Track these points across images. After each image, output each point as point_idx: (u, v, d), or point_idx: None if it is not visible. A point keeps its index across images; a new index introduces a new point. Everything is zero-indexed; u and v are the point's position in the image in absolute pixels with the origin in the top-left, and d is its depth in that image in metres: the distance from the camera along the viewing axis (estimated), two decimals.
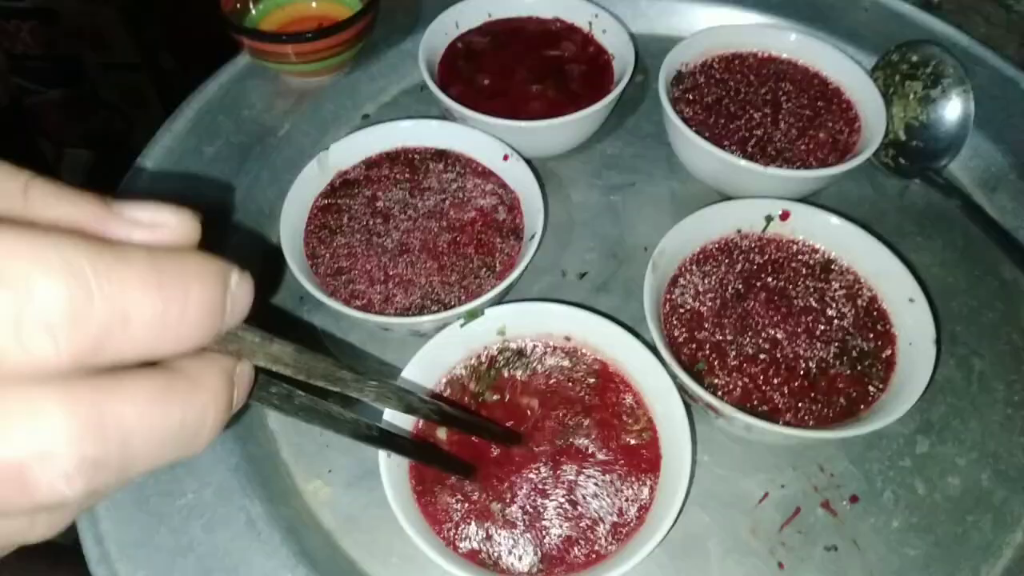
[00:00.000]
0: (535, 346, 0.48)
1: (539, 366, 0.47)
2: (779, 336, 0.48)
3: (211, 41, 0.64)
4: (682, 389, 0.44)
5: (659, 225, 0.60)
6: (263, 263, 0.57)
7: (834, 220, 0.52)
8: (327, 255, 0.52)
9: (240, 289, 0.20)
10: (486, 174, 0.56)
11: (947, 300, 0.57)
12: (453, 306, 0.49)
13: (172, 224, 0.20)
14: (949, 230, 0.61)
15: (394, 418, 0.43)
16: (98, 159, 1.62)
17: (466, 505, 0.42)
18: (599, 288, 0.57)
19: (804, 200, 0.57)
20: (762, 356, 0.47)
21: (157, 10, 1.27)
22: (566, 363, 0.47)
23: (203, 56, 0.67)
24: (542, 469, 0.43)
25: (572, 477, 0.43)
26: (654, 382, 0.45)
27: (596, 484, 0.43)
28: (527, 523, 0.42)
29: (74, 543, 0.44)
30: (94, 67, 1.34)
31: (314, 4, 0.68)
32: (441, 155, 0.57)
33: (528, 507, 0.42)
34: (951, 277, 0.59)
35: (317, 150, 0.63)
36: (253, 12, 0.66)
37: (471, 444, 0.44)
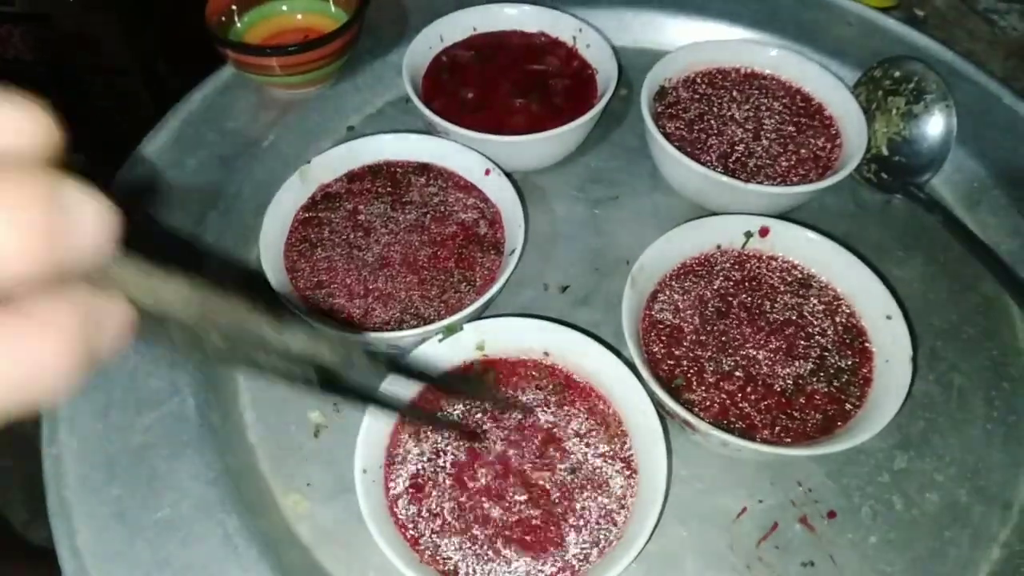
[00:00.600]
0: (512, 361, 0.48)
1: (516, 381, 0.47)
2: (757, 353, 0.49)
3: (207, 48, 0.64)
4: (659, 404, 0.44)
5: (641, 238, 0.60)
6: (244, 275, 0.57)
7: (813, 236, 0.52)
8: (307, 269, 0.52)
9: (84, 209, 0.17)
10: (468, 188, 0.56)
11: (928, 315, 0.57)
12: (433, 321, 0.49)
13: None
14: (931, 245, 0.61)
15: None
16: (92, 163, 1.63)
17: (440, 520, 0.42)
18: (581, 301, 0.57)
19: (784, 216, 0.57)
20: (739, 372, 0.48)
21: (153, 16, 1.27)
22: (543, 378, 0.47)
23: (199, 62, 0.67)
24: (516, 484, 0.43)
25: (547, 491, 0.43)
26: (631, 397, 0.45)
27: (571, 499, 0.43)
28: (502, 538, 0.42)
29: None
30: (87, 72, 1.35)
31: (299, 16, 0.68)
32: (423, 169, 0.57)
33: (502, 522, 0.42)
34: (932, 292, 0.59)
35: (301, 162, 0.64)
36: (238, 24, 0.66)
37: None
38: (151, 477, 0.46)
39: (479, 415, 0.46)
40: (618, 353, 0.47)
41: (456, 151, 0.56)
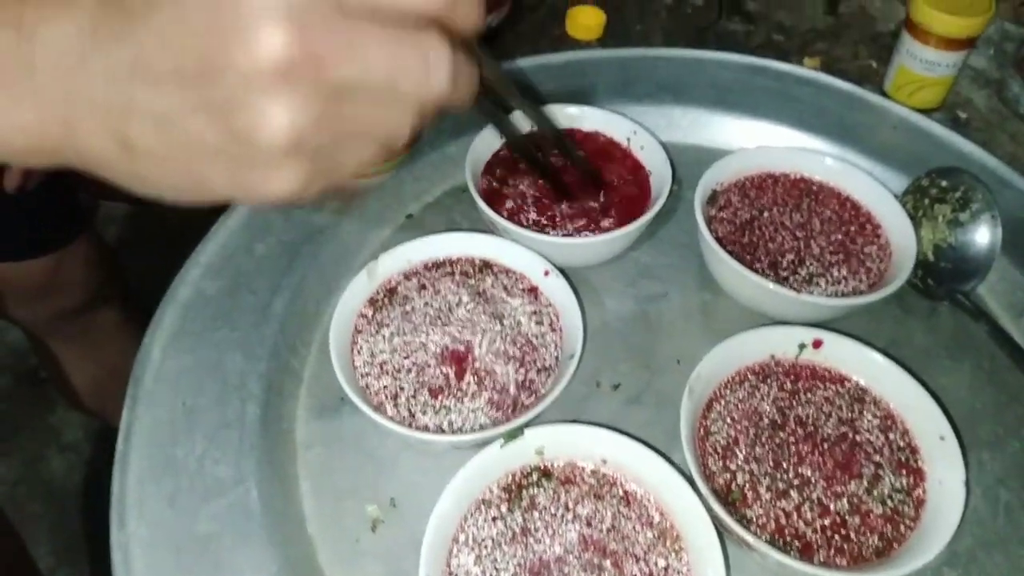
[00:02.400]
0: (570, 467, 0.49)
1: (574, 489, 0.48)
2: (813, 469, 0.49)
3: None
4: (716, 519, 0.45)
5: (692, 337, 0.62)
6: (310, 362, 0.59)
7: (866, 351, 0.54)
8: (372, 364, 0.54)
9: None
10: (527, 288, 0.58)
11: (974, 427, 0.58)
12: (496, 421, 0.51)
13: None
14: (977, 354, 0.62)
15: None
16: (135, 211, 1.67)
17: None
18: (633, 400, 0.58)
19: (835, 322, 0.59)
20: (795, 490, 0.48)
21: None
22: (601, 486, 0.48)
23: None
24: None
25: None
26: (689, 511, 0.46)
27: None
28: None
29: None
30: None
31: None
32: (485, 267, 0.59)
33: None
34: (978, 403, 0.60)
35: (362, 249, 0.67)
36: None
37: None
38: (215, 567, 0.47)
39: (538, 522, 0.47)
40: (672, 461, 0.48)
41: (516, 251, 0.58)
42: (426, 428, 0.51)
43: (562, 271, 0.59)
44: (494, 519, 0.47)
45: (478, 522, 0.47)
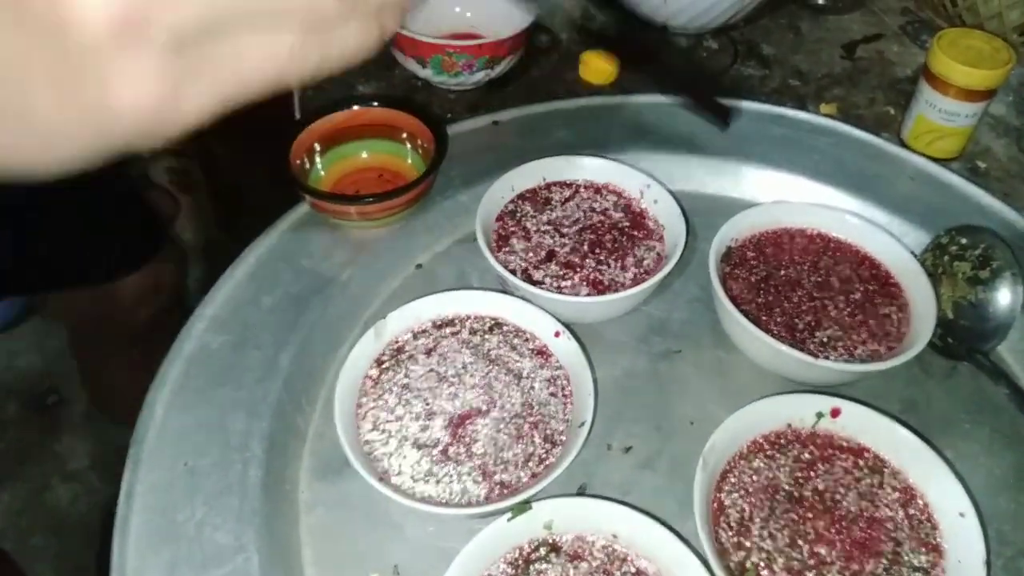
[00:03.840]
0: (580, 542, 0.48)
1: (583, 564, 0.47)
2: (830, 546, 0.48)
3: (264, 130, 0.66)
4: None
5: (706, 397, 0.60)
6: (314, 420, 0.58)
7: (885, 421, 0.52)
8: (378, 428, 0.53)
9: None
10: (537, 350, 0.57)
11: (994, 495, 0.56)
12: (501, 491, 0.49)
13: None
14: (996, 417, 0.61)
15: None
16: (146, 239, 1.68)
17: None
18: (644, 464, 0.57)
19: (850, 389, 0.57)
20: (812, 569, 0.47)
21: None
22: (611, 562, 0.47)
23: (254, 144, 0.69)
24: None
25: None
26: None
27: None
28: None
29: None
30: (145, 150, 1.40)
31: (377, 159, 0.71)
32: (494, 326, 0.58)
33: None
34: (998, 469, 0.58)
35: (371, 300, 0.66)
36: (319, 165, 0.69)
37: None
38: None
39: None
40: (684, 538, 0.47)
41: (527, 310, 0.57)
42: (431, 497, 0.49)
43: (574, 327, 0.58)
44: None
45: None
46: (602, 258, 0.63)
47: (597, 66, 0.87)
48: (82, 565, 1.37)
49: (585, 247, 0.64)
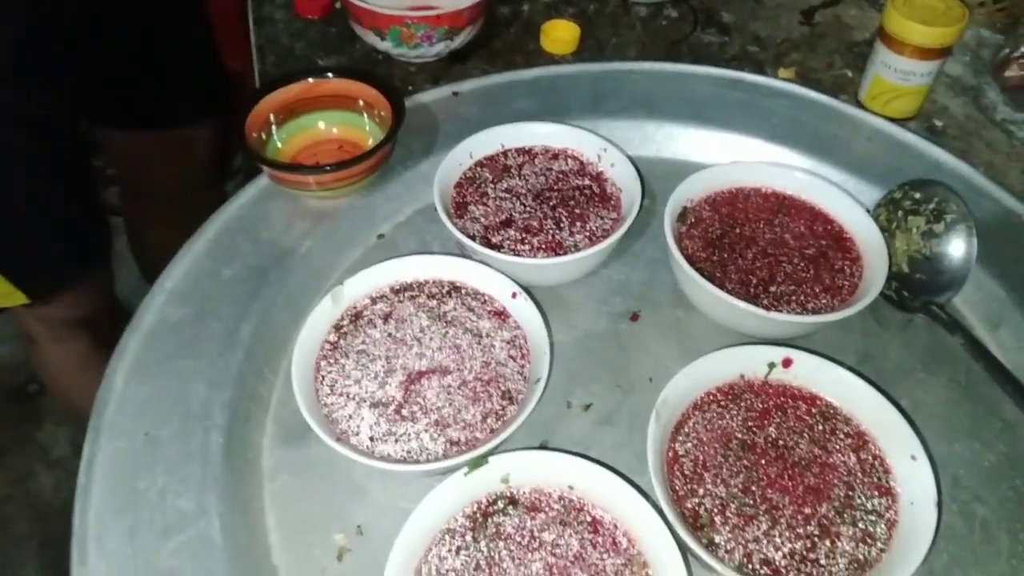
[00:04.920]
0: (537, 494, 0.48)
1: (540, 516, 0.48)
2: (781, 490, 0.49)
3: None
4: (684, 545, 0.45)
5: (664, 355, 0.61)
6: (277, 389, 0.59)
7: (836, 370, 0.53)
8: (337, 391, 0.53)
9: None
10: (495, 311, 0.57)
11: (949, 441, 0.57)
12: (459, 448, 0.50)
13: None
14: (953, 367, 0.62)
15: None
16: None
17: None
18: (604, 420, 0.58)
19: (806, 342, 0.58)
20: (764, 515, 0.48)
21: None
22: (567, 513, 0.48)
23: None
24: None
25: None
26: (656, 537, 0.45)
27: None
28: None
29: None
30: None
31: (335, 130, 0.71)
32: (452, 290, 0.58)
33: None
34: (954, 417, 0.59)
35: (332, 271, 0.66)
36: (276, 138, 0.69)
37: None
38: None
39: (504, 551, 0.46)
40: (640, 488, 0.48)
41: (483, 272, 0.58)
42: (390, 456, 0.50)
43: (532, 291, 0.58)
44: (458, 549, 0.46)
45: (442, 552, 0.46)
46: (561, 222, 0.64)
47: (558, 36, 0.87)
48: (67, 551, 1.36)
49: (543, 212, 0.64)
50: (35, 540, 1.38)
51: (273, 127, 0.69)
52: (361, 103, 0.70)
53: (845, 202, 0.64)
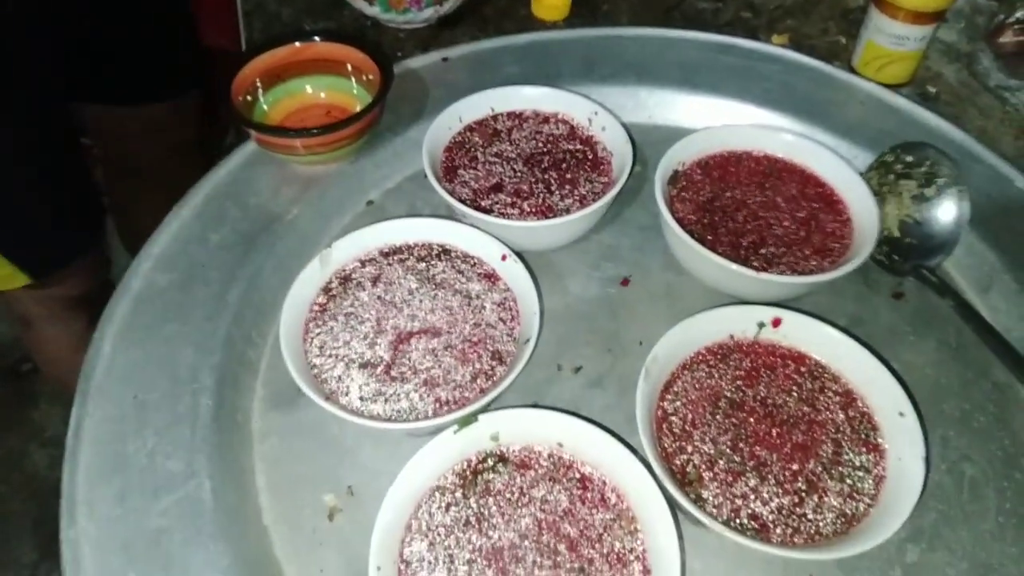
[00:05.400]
0: (527, 452, 0.49)
1: (529, 473, 0.48)
2: (770, 447, 0.49)
3: None
4: (672, 501, 0.45)
5: (654, 319, 0.61)
6: (266, 353, 0.58)
7: (824, 329, 0.53)
8: (326, 353, 0.53)
9: None
10: (484, 273, 0.57)
11: (939, 403, 0.57)
12: (449, 408, 0.50)
13: None
14: (943, 330, 0.62)
15: None
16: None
17: None
18: (594, 383, 0.58)
19: (796, 301, 0.58)
20: (752, 471, 0.48)
21: None
22: (557, 470, 0.48)
23: None
24: None
25: None
26: (645, 493, 0.45)
27: None
28: None
29: None
30: None
31: (323, 95, 0.70)
32: (441, 253, 0.58)
33: None
34: (944, 378, 0.59)
35: (321, 237, 0.65)
36: (262, 102, 0.68)
37: None
38: (167, 564, 0.47)
39: (493, 507, 0.46)
40: (630, 445, 0.48)
41: (473, 235, 0.58)
42: (380, 416, 0.50)
43: (523, 255, 0.58)
44: (448, 506, 0.46)
45: (432, 509, 0.46)
46: (551, 186, 0.63)
47: (550, 2, 0.86)
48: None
49: (534, 176, 0.64)
50: (29, 518, 1.38)
51: (260, 92, 0.68)
52: (349, 67, 0.70)
53: (836, 165, 0.64)
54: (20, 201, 0.83)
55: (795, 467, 0.48)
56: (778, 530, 0.46)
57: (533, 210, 0.61)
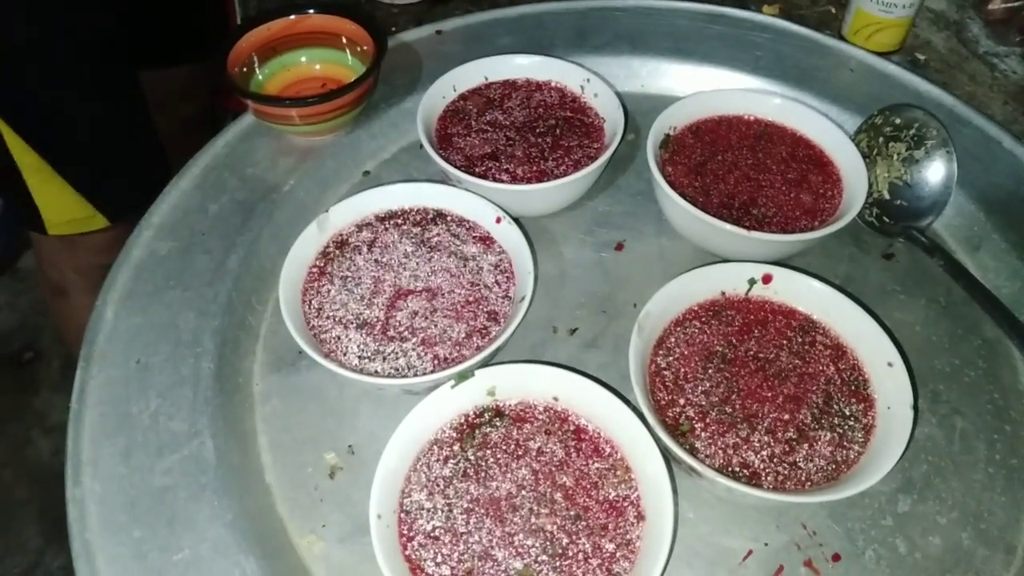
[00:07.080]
0: (523, 406, 0.49)
1: (526, 426, 0.49)
2: (761, 399, 0.50)
3: None
4: (666, 450, 0.46)
5: (648, 282, 0.62)
6: (266, 318, 0.59)
7: (814, 284, 0.54)
8: (324, 315, 0.54)
9: None
10: (479, 236, 0.58)
11: (930, 359, 0.58)
12: (446, 365, 0.51)
13: None
14: (932, 289, 0.63)
15: None
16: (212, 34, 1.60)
17: (451, 565, 0.43)
18: (589, 344, 0.59)
19: (788, 260, 0.59)
20: (744, 420, 0.49)
21: None
22: (552, 423, 0.49)
23: None
24: (525, 530, 0.44)
25: (556, 537, 0.44)
26: (638, 443, 0.46)
27: (580, 544, 0.44)
28: None
29: None
30: None
31: (318, 67, 0.71)
32: (437, 217, 0.59)
33: (513, 569, 0.43)
34: (934, 335, 0.60)
35: (318, 207, 0.66)
36: (259, 74, 0.69)
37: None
38: (171, 519, 0.48)
39: (490, 459, 0.47)
40: (625, 398, 0.49)
41: (468, 199, 0.58)
42: (378, 373, 0.51)
43: (518, 220, 0.59)
44: (447, 458, 0.47)
45: (430, 461, 0.47)
46: (545, 153, 0.64)
47: None
48: (66, 516, 1.38)
49: (527, 142, 0.64)
50: (34, 504, 1.39)
51: (256, 65, 0.69)
52: (344, 39, 0.70)
53: (826, 127, 0.64)
54: (100, 149, 0.86)
55: (786, 417, 0.49)
56: (769, 477, 0.47)
57: (527, 176, 0.62)
